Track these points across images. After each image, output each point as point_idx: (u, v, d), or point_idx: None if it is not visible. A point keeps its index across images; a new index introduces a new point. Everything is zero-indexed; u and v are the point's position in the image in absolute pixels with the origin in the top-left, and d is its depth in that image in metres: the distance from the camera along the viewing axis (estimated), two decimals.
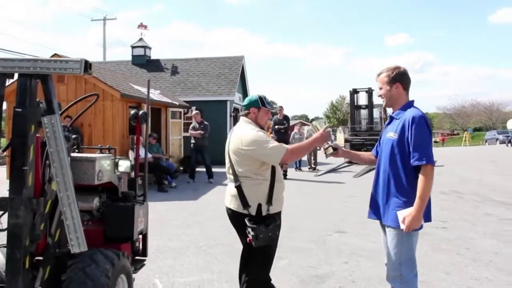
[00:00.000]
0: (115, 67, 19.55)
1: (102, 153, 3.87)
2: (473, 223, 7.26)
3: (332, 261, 5.27)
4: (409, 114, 2.99)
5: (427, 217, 3.01)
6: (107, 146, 3.92)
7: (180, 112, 15.06)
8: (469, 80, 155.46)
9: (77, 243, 2.68)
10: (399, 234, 2.97)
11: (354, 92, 19.38)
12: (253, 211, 3.18)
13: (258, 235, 3.05)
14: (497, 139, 37.96)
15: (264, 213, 3.18)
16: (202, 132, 12.41)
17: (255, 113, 3.38)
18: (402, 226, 2.89)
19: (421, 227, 2.95)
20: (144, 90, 13.19)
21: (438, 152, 27.55)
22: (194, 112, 13.25)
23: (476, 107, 63.08)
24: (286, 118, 14.28)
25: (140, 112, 4.04)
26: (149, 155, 11.05)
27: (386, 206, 3.06)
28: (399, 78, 3.09)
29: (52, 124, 2.65)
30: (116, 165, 3.73)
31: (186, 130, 15.16)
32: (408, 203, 2.92)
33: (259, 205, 3.17)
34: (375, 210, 3.20)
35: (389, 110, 3.40)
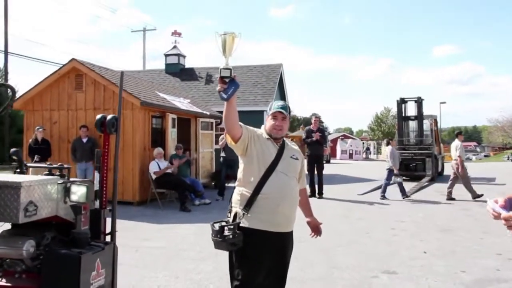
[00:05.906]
0: (148, 76, 18.83)
1: (52, 173, 2.75)
2: None
3: None
4: None
5: None
6: (59, 164, 2.76)
7: (212, 122, 13.94)
8: None
9: None
10: None
11: (402, 101, 17.57)
12: (231, 216, 3.05)
13: (217, 235, 2.92)
14: None
15: (238, 220, 2.96)
16: None
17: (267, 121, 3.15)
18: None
19: None
20: (170, 98, 12.19)
21: (490, 167, 25.39)
22: None
23: None
24: (320, 130, 11.92)
25: (109, 117, 2.90)
26: (169, 166, 9.96)
27: None
28: None
29: None
30: (67, 192, 2.58)
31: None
32: None
33: (236, 213, 3.02)
34: None
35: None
